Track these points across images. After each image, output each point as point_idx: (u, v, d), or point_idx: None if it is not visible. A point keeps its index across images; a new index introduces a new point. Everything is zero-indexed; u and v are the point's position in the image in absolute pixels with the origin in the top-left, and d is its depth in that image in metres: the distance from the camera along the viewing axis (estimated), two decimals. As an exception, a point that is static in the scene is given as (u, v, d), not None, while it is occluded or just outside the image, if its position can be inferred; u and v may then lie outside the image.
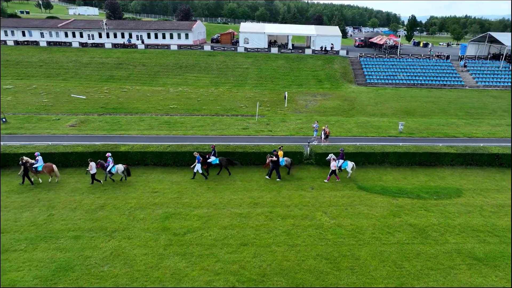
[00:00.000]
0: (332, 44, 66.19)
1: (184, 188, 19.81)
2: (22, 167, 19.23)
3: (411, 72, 55.93)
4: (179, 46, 63.17)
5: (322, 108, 40.80)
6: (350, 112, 39.30)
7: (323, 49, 64.27)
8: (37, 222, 16.07)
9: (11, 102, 38.60)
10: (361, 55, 60.45)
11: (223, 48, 63.24)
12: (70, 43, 63.85)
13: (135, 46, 63.74)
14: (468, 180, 21.83)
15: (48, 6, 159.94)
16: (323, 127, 28.40)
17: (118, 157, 22.12)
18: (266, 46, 67.45)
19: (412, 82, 53.92)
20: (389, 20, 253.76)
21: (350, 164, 21.41)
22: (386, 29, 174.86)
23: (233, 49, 63.18)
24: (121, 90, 46.07)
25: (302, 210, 17.78)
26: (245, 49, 63.07)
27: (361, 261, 14.00)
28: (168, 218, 16.74)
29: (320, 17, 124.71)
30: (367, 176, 22.13)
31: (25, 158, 19.44)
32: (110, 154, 20.51)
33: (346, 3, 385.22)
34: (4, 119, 30.94)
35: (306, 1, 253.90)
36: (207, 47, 62.95)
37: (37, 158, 19.91)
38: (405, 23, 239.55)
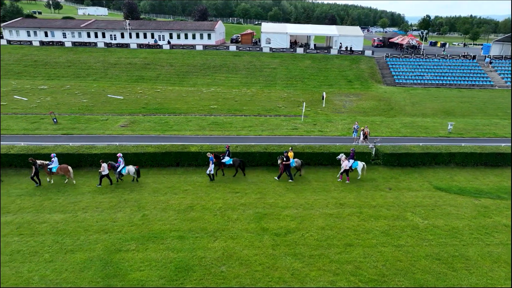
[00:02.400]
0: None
1: (264, 189, 19.86)
2: (34, 168, 19.04)
3: (438, 72, 55.96)
4: (204, 46, 63.18)
5: (360, 109, 40.85)
6: (390, 113, 39.35)
7: (349, 49, 64.28)
8: (135, 222, 16.13)
9: (52, 103, 38.67)
10: (387, 55, 60.49)
11: (248, 49, 63.26)
12: (95, 44, 63.85)
13: (159, 46, 63.74)
14: (541, 181, 21.87)
15: (57, 6, 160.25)
16: (363, 128, 28.39)
17: (189, 157, 22.21)
18: (288, 46, 67.53)
19: (440, 82, 53.96)
20: (393, 20, 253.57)
21: (360, 165, 21.22)
22: (395, 29, 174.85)
23: (258, 49, 63.19)
24: (154, 91, 46.10)
25: (390, 211, 17.82)
26: (270, 49, 63.08)
27: (472, 261, 14.04)
28: (262, 218, 16.79)
29: (333, 17, 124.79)
30: (438, 176, 22.18)
31: (39, 161, 19.42)
32: (121, 154, 20.22)
33: (350, 3, 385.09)
34: (55, 120, 30.99)
35: (311, 1, 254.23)
36: (232, 47, 62.96)
37: (52, 159, 19.87)
38: (410, 23, 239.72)
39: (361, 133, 28.00)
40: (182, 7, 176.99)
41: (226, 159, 21.12)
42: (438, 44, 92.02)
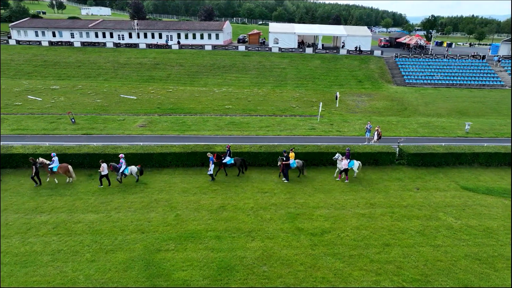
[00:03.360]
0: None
1: (292, 189, 19.85)
2: (34, 167, 18.98)
3: (448, 72, 55.99)
4: (213, 46, 63.18)
5: (373, 108, 40.85)
6: (404, 113, 39.35)
7: (358, 49, 64.34)
8: (170, 222, 16.11)
9: (66, 103, 38.65)
10: (396, 55, 60.50)
11: (257, 49, 63.27)
12: (104, 44, 63.84)
13: (168, 46, 63.72)
14: None
15: (60, 6, 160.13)
16: (376, 128, 28.33)
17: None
18: (296, 46, 67.51)
19: (450, 82, 53.97)
20: (395, 20, 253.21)
21: (356, 164, 21.22)
22: (398, 29, 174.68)
23: (267, 49, 63.19)
24: (166, 91, 46.09)
25: (422, 211, 17.82)
26: (279, 49, 63.08)
27: (513, 261, 14.04)
28: (295, 218, 16.78)
29: (338, 17, 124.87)
30: (463, 176, 22.18)
31: (40, 159, 19.41)
32: (123, 155, 20.02)
33: (351, 3, 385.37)
34: (73, 120, 30.98)
35: (313, 1, 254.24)
36: (241, 48, 62.96)
37: (53, 158, 19.85)
38: (411, 23, 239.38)
39: (375, 133, 27.93)
40: (185, 7, 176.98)
41: (227, 159, 21.11)
42: (444, 44, 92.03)
